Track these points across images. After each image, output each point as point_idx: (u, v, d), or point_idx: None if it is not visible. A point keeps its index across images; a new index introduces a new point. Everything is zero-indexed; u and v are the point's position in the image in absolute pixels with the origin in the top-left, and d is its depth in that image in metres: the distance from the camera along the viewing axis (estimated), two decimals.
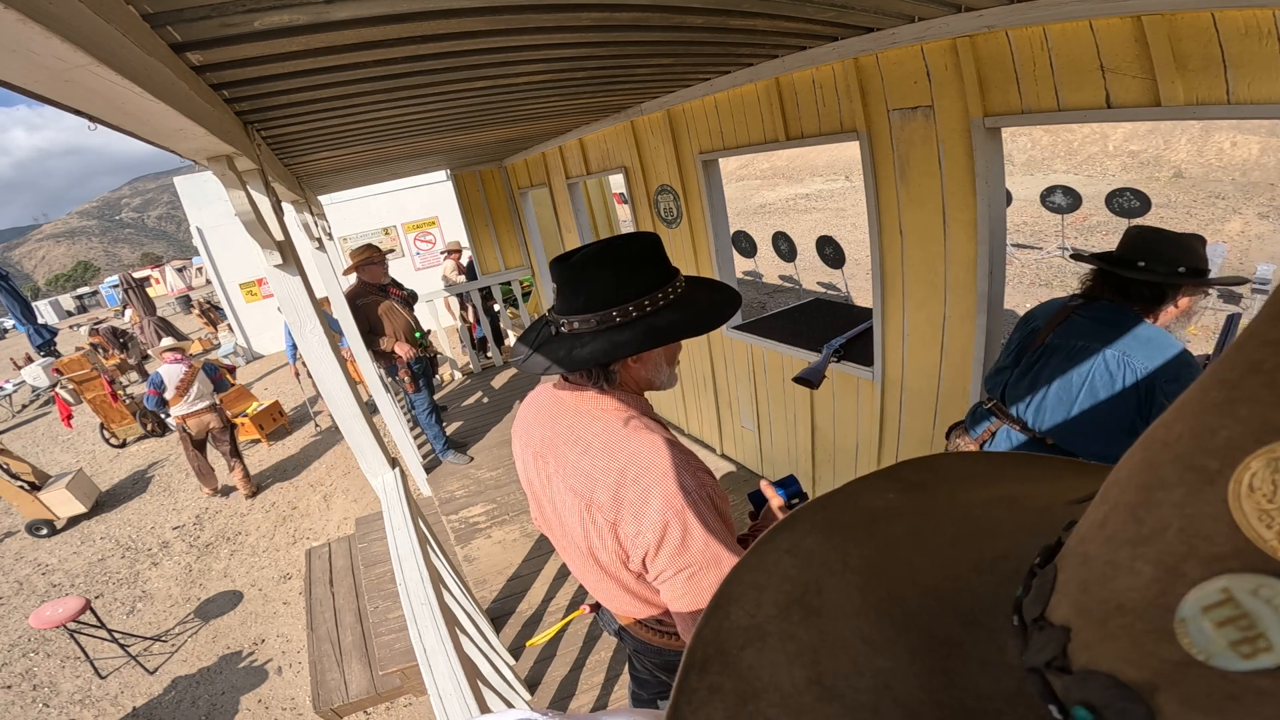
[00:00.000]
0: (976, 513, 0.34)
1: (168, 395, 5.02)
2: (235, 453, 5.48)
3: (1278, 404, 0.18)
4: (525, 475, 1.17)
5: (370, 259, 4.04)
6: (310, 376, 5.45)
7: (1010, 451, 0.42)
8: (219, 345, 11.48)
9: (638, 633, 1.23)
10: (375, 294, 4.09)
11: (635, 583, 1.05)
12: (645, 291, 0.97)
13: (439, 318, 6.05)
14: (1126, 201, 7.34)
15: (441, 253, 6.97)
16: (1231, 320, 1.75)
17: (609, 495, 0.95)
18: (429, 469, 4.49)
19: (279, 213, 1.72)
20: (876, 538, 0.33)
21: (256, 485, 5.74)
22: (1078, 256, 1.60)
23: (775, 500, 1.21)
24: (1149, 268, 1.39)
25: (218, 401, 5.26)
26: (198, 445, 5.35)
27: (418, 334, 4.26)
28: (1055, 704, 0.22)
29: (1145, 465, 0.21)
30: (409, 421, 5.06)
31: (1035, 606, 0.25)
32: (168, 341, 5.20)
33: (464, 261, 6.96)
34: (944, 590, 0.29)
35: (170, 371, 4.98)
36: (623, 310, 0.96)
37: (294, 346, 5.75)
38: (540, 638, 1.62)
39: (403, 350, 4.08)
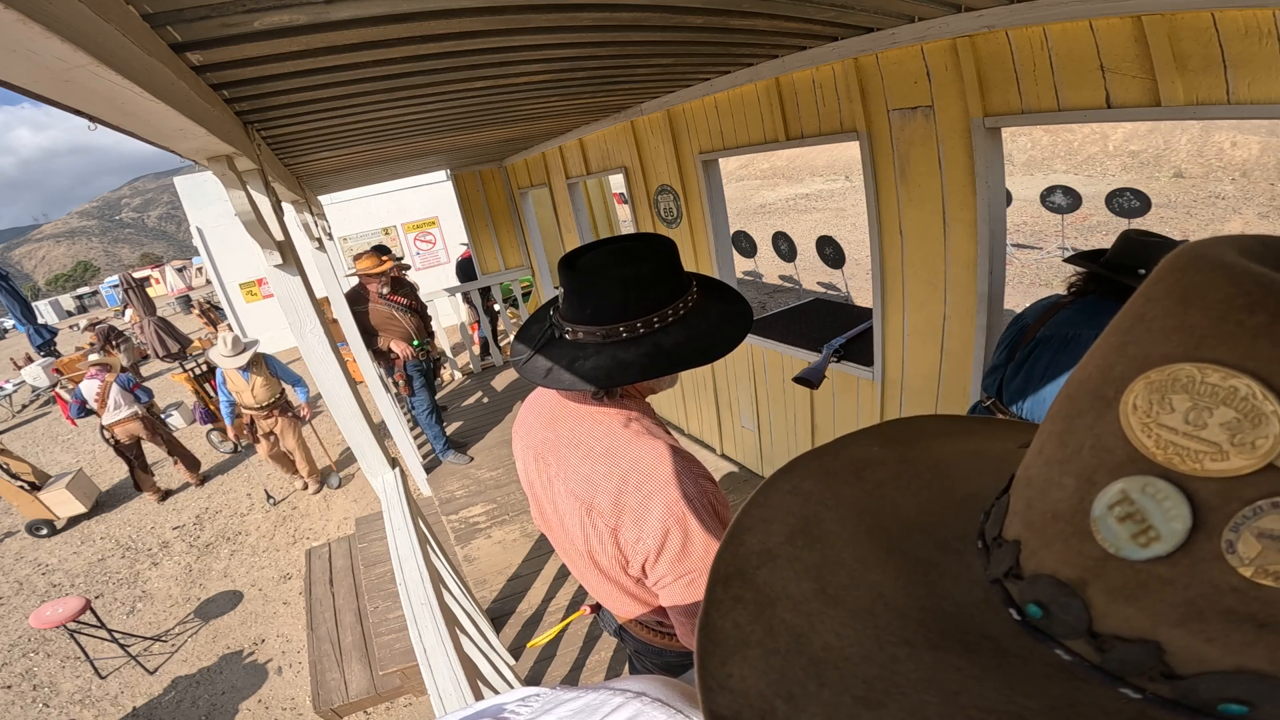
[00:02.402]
0: (948, 462, 0.40)
1: (92, 406, 5.33)
2: (172, 451, 5.77)
3: (1154, 343, 0.22)
4: (526, 476, 1.16)
5: (369, 270, 4.01)
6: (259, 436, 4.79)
7: (976, 416, 0.47)
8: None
9: (638, 633, 1.22)
10: (376, 301, 4.07)
11: (635, 586, 1.04)
12: (655, 307, 0.94)
13: (439, 318, 6.04)
14: (1126, 201, 7.34)
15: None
16: None
17: (610, 501, 0.94)
18: (429, 469, 4.49)
19: (279, 213, 1.72)
20: (864, 481, 0.38)
21: (203, 478, 6.00)
22: (1073, 260, 1.59)
23: None
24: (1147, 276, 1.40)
25: (140, 410, 5.40)
26: (126, 451, 5.53)
27: (415, 342, 4.21)
28: (1013, 607, 0.27)
29: (1067, 399, 0.26)
30: (409, 421, 5.06)
31: (994, 528, 0.30)
32: (94, 357, 5.49)
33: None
34: (922, 522, 0.34)
35: (88, 386, 5.30)
36: (630, 326, 0.93)
37: (231, 403, 4.79)
38: (541, 639, 1.62)
39: (399, 348, 4.06)
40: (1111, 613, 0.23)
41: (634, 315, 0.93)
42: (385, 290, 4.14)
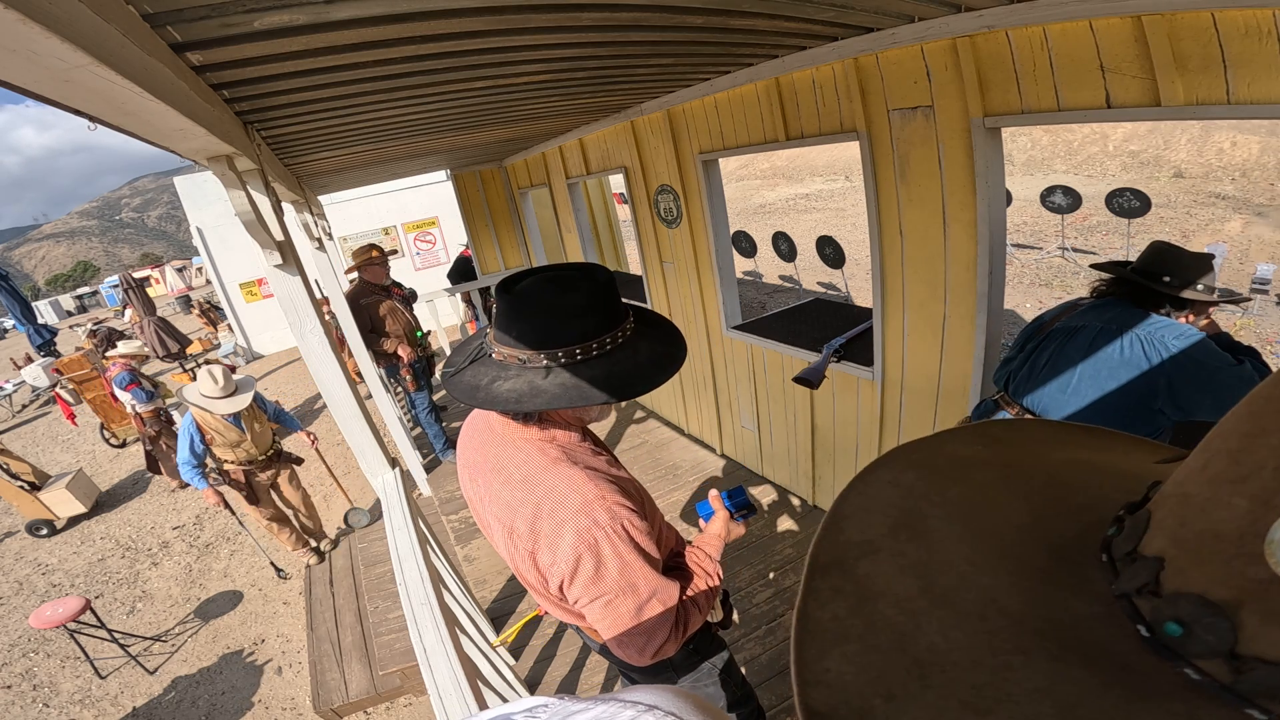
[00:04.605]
0: (1059, 471, 0.38)
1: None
2: (151, 464, 5.77)
3: None
4: (467, 495, 1.19)
5: (371, 259, 4.04)
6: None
7: (1083, 424, 0.46)
8: (219, 345, 11.47)
9: (594, 636, 1.26)
10: (377, 294, 4.09)
11: (561, 601, 1.07)
12: (580, 339, 0.94)
13: (439, 317, 6.05)
14: (1126, 201, 7.34)
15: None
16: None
17: (526, 526, 0.98)
18: (429, 469, 4.49)
19: (279, 213, 1.72)
20: (969, 481, 0.37)
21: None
22: (1099, 265, 1.65)
23: (722, 512, 1.26)
24: (1174, 283, 1.46)
25: (132, 411, 5.44)
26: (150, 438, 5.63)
27: (419, 333, 4.26)
28: (1143, 624, 0.26)
29: (1249, 417, 0.25)
30: (409, 421, 5.06)
31: (1128, 543, 0.28)
32: (122, 347, 5.46)
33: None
34: (1034, 529, 0.33)
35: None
36: (551, 355, 0.94)
37: (196, 463, 3.37)
38: (508, 634, 1.64)
39: (404, 352, 4.10)
40: (1262, 636, 0.22)
41: (556, 344, 0.94)
42: (388, 281, 4.18)
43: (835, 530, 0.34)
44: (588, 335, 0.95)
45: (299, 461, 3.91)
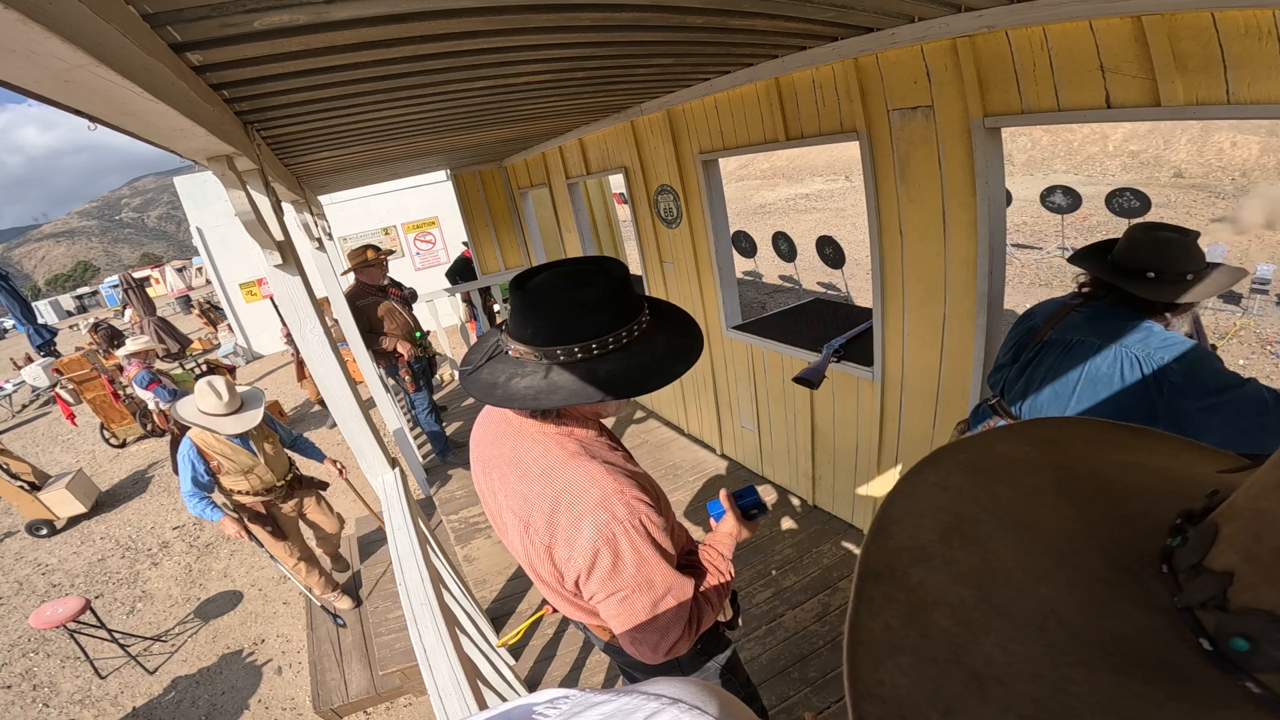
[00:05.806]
0: (1111, 474, 0.37)
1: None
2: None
3: None
4: (479, 489, 1.19)
5: (366, 261, 4.03)
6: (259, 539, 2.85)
7: (1136, 425, 0.45)
8: (219, 345, 11.47)
9: (600, 634, 1.25)
10: (375, 294, 4.09)
11: (575, 597, 1.07)
12: (596, 334, 0.93)
13: (439, 318, 6.05)
14: (1126, 201, 7.35)
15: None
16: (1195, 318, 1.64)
17: (544, 520, 0.97)
18: (429, 469, 4.49)
19: (279, 213, 1.72)
20: (1020, 484, 0.36)
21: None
22: (1076, 260, 1.53)
23: (734, 511, 1.25)
24: (1159, 280, 1.34)
25: (154, 407, 5.59)
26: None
27: (418, 334, 4.26)
28: (1206, 638, 0.26)
29: None
30: (409, 421, 5.06)
31: (1193, 555, 0.28)
32: (132, 346, 5.54)
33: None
34: (1090, 536, 0.32)
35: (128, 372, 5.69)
36: (567, 350, 0.93)
37: (202, 494, 2.78)
38: (510, 636, 1.65)
39: (404, 349, 4.09)
40: None
41: (571, 340, 0.93)
42: (385, 282, 4.18)
43: (884, 535, 0.33)
44: (604, 330, 0.94)
45: (324, 486, 3.38)
